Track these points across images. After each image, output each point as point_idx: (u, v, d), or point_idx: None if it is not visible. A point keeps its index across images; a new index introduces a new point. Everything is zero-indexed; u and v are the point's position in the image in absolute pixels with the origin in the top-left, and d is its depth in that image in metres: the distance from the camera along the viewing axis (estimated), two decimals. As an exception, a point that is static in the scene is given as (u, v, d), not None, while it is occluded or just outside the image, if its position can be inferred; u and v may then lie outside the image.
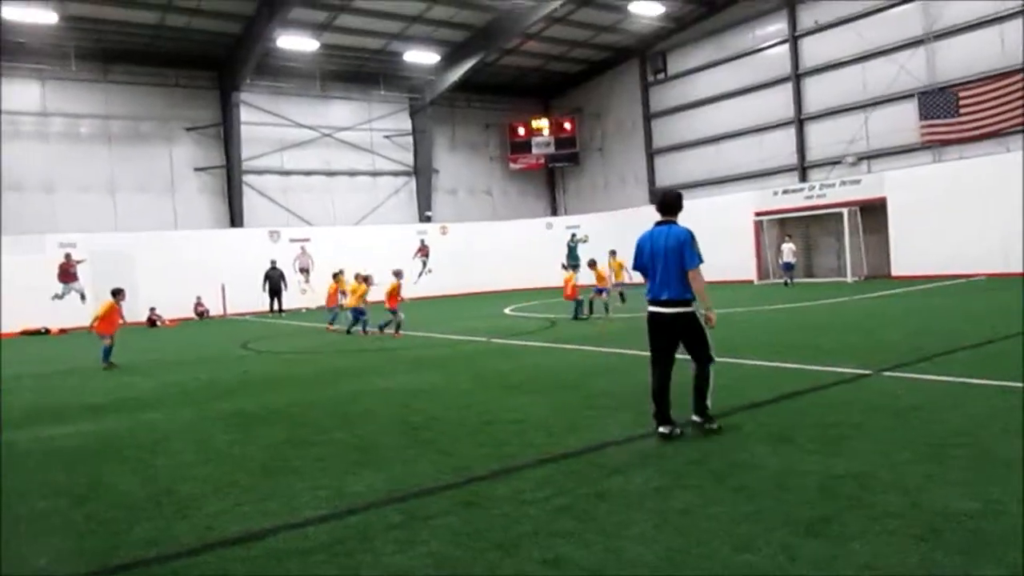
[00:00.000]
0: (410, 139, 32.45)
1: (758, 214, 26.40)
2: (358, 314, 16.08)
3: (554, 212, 37.09)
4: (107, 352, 12.52)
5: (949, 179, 21.49)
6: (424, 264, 30.51)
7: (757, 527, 3.76)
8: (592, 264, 17.47)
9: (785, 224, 26.41)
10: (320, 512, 4.44)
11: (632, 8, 26.85)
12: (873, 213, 23.32)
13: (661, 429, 5.65)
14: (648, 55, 31.79)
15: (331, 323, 17.50)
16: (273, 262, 25.58)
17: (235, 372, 11.20)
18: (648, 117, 32.46)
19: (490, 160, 35.54)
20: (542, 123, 35.04)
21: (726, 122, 29.13)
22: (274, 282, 25.37)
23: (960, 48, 22.30)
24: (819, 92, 26.18)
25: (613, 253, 19.71)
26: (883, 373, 7.68)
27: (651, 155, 32.62)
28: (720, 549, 3.52)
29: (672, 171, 31.75)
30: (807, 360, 8.75)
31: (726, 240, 25.87)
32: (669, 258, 5.66)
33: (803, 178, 26.59)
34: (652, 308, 5.83)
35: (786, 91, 27.01)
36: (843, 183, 24.15)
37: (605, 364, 9.75)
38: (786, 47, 26.85)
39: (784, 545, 3.51)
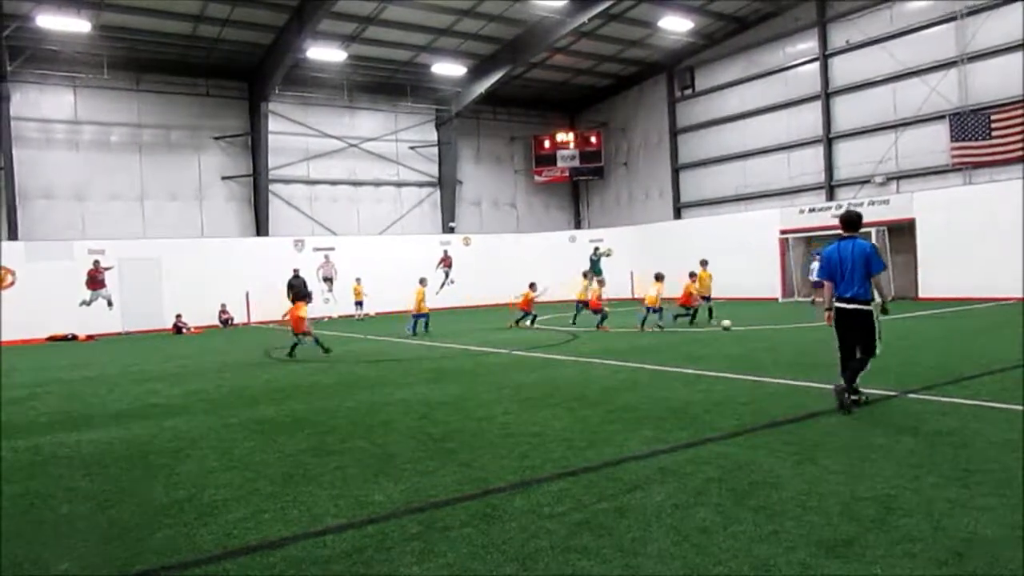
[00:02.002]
0: (435, 150, 32.68)
1: (784, 232, 26.19)
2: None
3: (578, 225, 37.09)
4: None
5: (980, 202, 21.18)
6: (447, 275, 30.65)
7: (777, 547, 3.72)
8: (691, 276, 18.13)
9: (811, 243, 26.16)
10: (340, 521, 4.48)
11: (662, 24, 26.87)
12: (901, 234, 23.03)
13: (845, 399, 6.91)
14: (676, 71, 31.79)
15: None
16: (296, 271, 25.83)
17: (258, 380, 11.33)
18: (674, 132, 32.41)
19: (515, 173, 35.68)
20: (567, 137, 35.11)
21: (753, 139, 29.01)
22: (297, 291, 25.57)
23: (993, 71, 22.02)
24: (849, 111, 25.99)
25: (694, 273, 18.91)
26: (909, 395, 7.58)
27: (676, 170, 32.54)
28: (739, 569, 3.49)
29: (698, 187, 31.65)
30: (833, 379, 8.64)
31: (751, 257, 25.74)
32: (856, 264, 6.98)
33: (830, 197, 26.35)
34: (839, 304, 7.18)
35: (815, 109, 26.84)
36: (871, 203, 23.88)
37: (628, 379, 9.71)
38: (816, 65, 26.70)
39: (804, 565, 3.48)
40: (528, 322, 19.28)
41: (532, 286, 19.60)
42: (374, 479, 5.37)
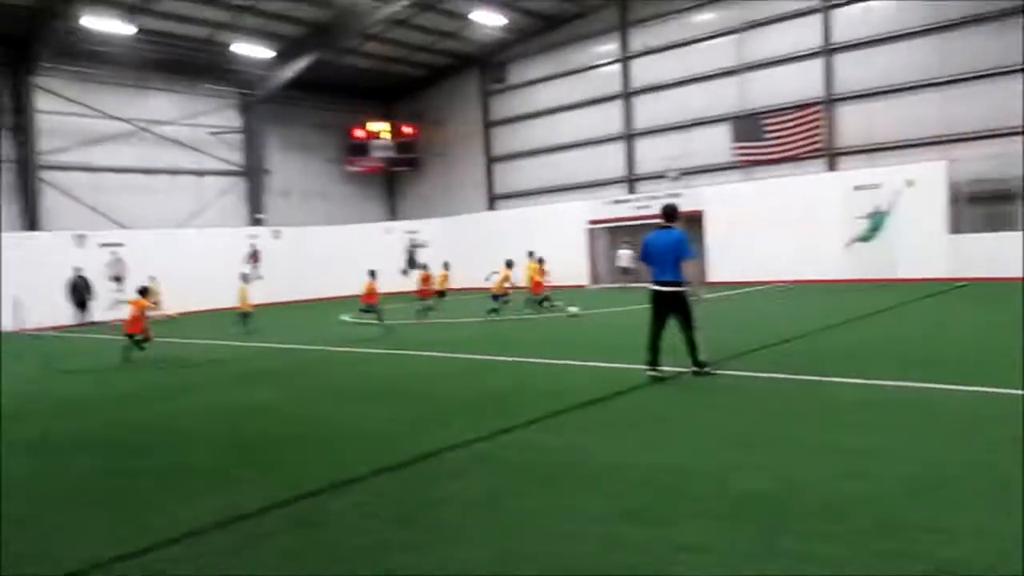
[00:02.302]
0: (240, 137, 30.87)
1: (591, 222, 27.65)
2: None
3: (393, 216, 36.76)
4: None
5: (756, 196, 23.66)
6: (255, 270, 29.08)
7: (587, 520, 3.95)
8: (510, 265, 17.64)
9: (615, 232, 27.86)
10: (140, 545, 4.10)
11: (474, 17, 27.25)
12: (692, 224, 25.16)
13: (650, 372, 7.81)
14: (489, 64, 32.41)
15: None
16: (78, 270, 23.29)
17: (39, 395, 10.12)
18: (488, 125, 33.08)
19: (327, 162, 34.58)
20: (382, 126, 34.63)
21: (562, 133, 30.30)
22: (80, 292, 23.12)
23: (767, 80, 24.67)
24: (647, 110, 27.91)
25: (532, 254, 19.22)
26: (693, 372, 8.31)
27: (490, 162, 33.25)
28: (550, 546, 3.66)
29: (511, 179, 32.54)
30: (635, 360, 9.27)
31: (561, 246, 26.85)
32: (668, 252, 7.80)
33: (632, 190, 28.21)
34: (655, 287, 7.92)
35: (618, 108, 28.55)
36: (667, 196, 25.84)
37: (447, 370, 9.80)
38: (618, 67, 28.40)
39: (607, 534, 3.72)
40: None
41: (509, 264, 17.82)
42: (177, 495, 5.00)
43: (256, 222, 30.73)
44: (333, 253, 30.42)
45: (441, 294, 19.76)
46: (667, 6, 26.68)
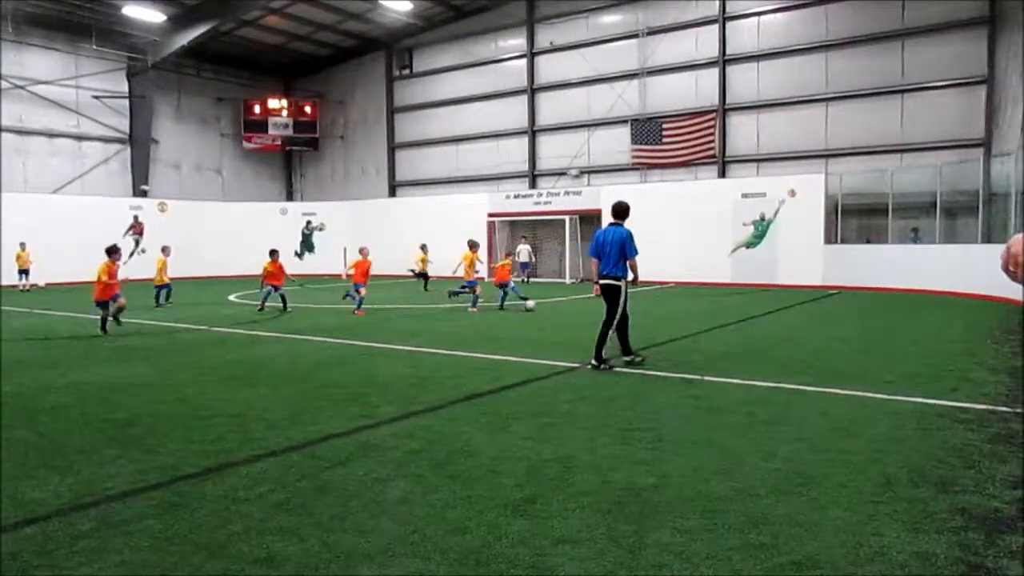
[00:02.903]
0: (126, 103, 29.08)
1: (491, 215, 27.76)
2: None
3: (290, 197, 35.66)
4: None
5: (651, 198, 24.41)
6: (137, 243, 27.55)
7: (470, 511, 3.97)
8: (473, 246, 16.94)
9: (515, 226, 28.09)
10: (-14, 523, 3.82)
11: (382, 0, 26.74)
12: (590, 222, 25.70)
13: (592, 362, 8.25)
14: (395, 49, 31.90)
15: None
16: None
17: None
18: (392, 111, 32.59)
19: (221, 136, 33.14)
20: (281, 103, 33.47)
21: (466, 125, 30.24)
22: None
23: (666, 85, 25.50)
24: (551, 107, 28.26)
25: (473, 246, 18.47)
26: (589, 366, 8.51)
27: (393, 149, 32.79)
28: (434, 534, 3.66)
29: (413, 167, 32.21)
30: (528, 354, 9.41)
31: (460, 238, 26.81)
32: (614, 247, 8.25)
33: (533, 185, 28.51)
34: (603, 281, 8.43)
35: (522, 102, 28.75)
36: (567, 193, 26.31)
37: (336, 355, 9.61)
38: (524, 62, 28.59)
39: (492, 525, 3.76)
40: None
41: (472, 245, 17.20)
42: (36, 474, 4.67)
43: (141, 193, 29.08)
44: (224, 230, 29.24)
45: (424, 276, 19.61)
46: (573, 5, 27.10)
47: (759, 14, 23.80)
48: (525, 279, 25.16)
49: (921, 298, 17.25)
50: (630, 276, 8.43)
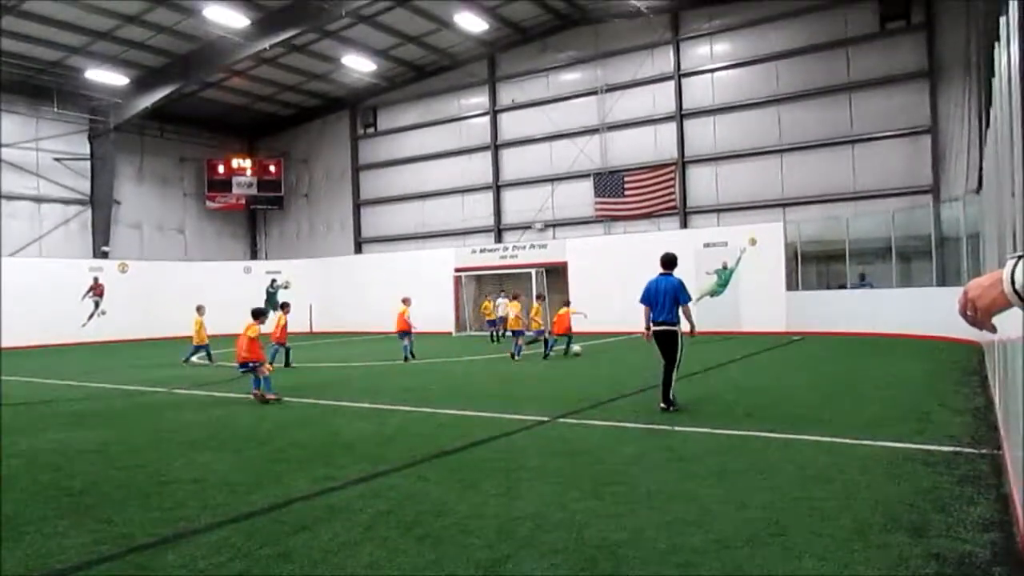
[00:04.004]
0: (87, 165, 28.82)
1: (458, 270, 27.80)
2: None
3: (254, 256, 35.37)
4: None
5: (616, 249, 24.73)
6: (97, 305, 26.97)
7: (439, 572, 3.85)
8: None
9: (482, 280, 28.16)
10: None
11: (345, 61, 27.15)
12: (556, 275, 25.88)
13: (662, 405, 8.63)
14: (359, 108, 32.28)
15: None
16: None
17: None
18: (357, 168, 32.78)
19: (184, 196, 32.93)
20: (245, 163, 33.47)
21: (431, 181, 30.51)
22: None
23: (626, 139, 26.12)
24: (515, 162, 28.69)
25: (541, 298, 19.05)
26: (559, 419, 8.45)
27: (358, 205, 32.87)
28: (403, 599, 3.53)
29: (379, 223, 32.26)
30: (496, 409, 9.31)
31: (428, 292, 26.77)
32: (668, 296, 8.80)
33: (499, 239, 28.71)
34: (659, 328, 8.91)
35: (486, 158, 29.16)
36: (532, 246, 26.52)
37: (300, 415, 9.40)
38: (487, 119, 29.10)
39: (463, 589, 3.64)
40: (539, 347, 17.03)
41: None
42: (-21, 551, 4.43)
43: (102, 254, 28.61)
44: (187, 290, 28.76)
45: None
46: (534, 64, 27.80)
47: (713, 71, 24.65)
48: (503, 332, 24.96)
49: (881, 341, 17.56)
50: (684, 324, 8.91)
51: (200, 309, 17.79)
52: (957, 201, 18.09)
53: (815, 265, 22.11)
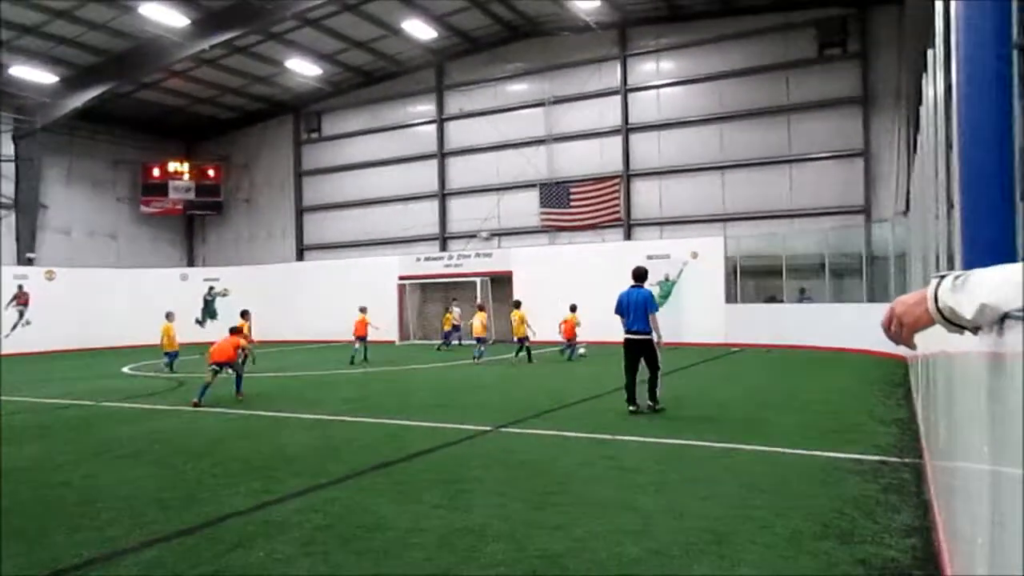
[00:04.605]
0: (12, 167, 27.60)
1: (402, 278, 27.58)
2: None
3: (192, 263, 34.39)
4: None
5: (561, 259, 24.92)
6: (21, 314, 25.80)
7: (380, 589, 3.80)
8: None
9: (426, 288, 28.01)
10: None
11: (289, 65, 26.75)
12: (502, 284, 25.92)
13: (631, 407, 9.18)
14: (303, 113, 31.80)
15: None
16: None
17: None
18: (300, 174, 32.25)
19: (117, 201, 31.81)
20: (182, 167, 32.55)
21: (376, 188, 30.23)
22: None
23: (573, 151, 26.40)
24: (461, 171, 28.66)
25: (518, 304, 19.41)
26: (501, 429, 8.45)
27: (300, 212, 32.33)
28: (341, 616, 3.47)
29: (322, 230, 31.79)
30: (437, 419, 9.26)
31: (371, 301, 26.47)
32: (639, 307, 9.32)
33: (444, 247, 28.61)
34: (628, 336, 9.47)
35: (432, 166, 29.06)
36: (478, 255, 26.52)
37: (239, 427, 9.17)
38: (434, 127, 29.02)
39: (404, 604, 3.60)
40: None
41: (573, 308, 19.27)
42: None
43: (27, 261, 27.40)
44: (120, 299, 27.82)
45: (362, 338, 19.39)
46: (482, 74, 27.88)
47: (658, 87, 25.14)
48: (457, 342, 24.80)
49: (815, 354, 18.12)
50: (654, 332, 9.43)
51: (170, 316, 17.44)
52: (886, 222, 18.87)
53: (753, 279, 22.70)
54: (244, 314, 15.70)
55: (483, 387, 13.26)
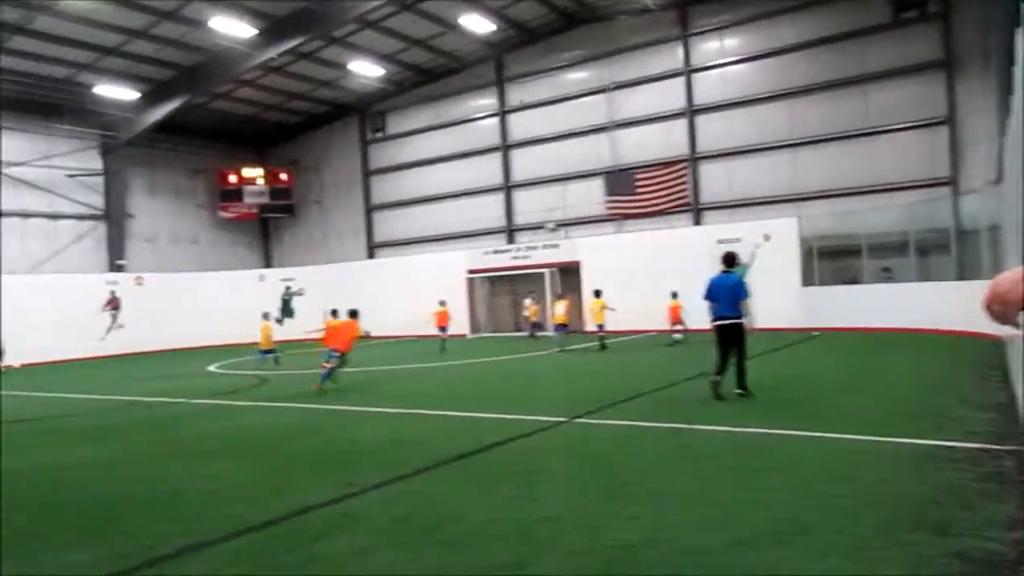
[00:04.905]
0: (101, 180, 29.07)
1: (470, 272, 27.79)
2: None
3: (268, 264, 35.54)
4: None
5: (629, 247, 24.63)
6: (114, 318, 27.22)
7: (459, 579, 3.83)
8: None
9: (495, 282, 28.15)
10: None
11: (352, 67, 27.24)
12: (569, 274, 25.82)
13: (715, 377, 9.25)
14: (368, 113, 32.37)
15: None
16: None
17: None
18: (367, 173, 32.86)
19: (197, 207, 33.14)
20: (256, 172, 33.64)
21: (442, 184, 30.53)
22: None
23: (636, 137, 26.01)
24: (525, 163, 28.65)
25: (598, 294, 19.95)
26: (576, 420, 8.41)
27: (369, 211, 32.95)
28: (422, 607, 3.51)
29: (390, 227, 32.33)
30: (512, 410, 9.28)
31: (440, 295, 26.76)
32: (730, 292, 9.39)
33: (510, 240, 28.68)
34: (718, 322, 9.42)
35: (496, 160, 29.14)
36: (544, 246, 26.48)
37: (317, 423, 9.41)
38: (496, 120, 29.09)
39: (483, 595, 3.61)
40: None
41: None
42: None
43: (117, 268, 28.85)
44: (202, 301, 29.03)
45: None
46: (541, 64, 27.76)
47: (723, 65, 24.50)
48: (534, 335, 24.93)
49: (899, 336, 17.37)
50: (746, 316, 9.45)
51: (267, 316, 19.20)
52: (976, 193, 17.84)
53: (831, 260, 21.90)
54: (354, 313, 16.16)
55: (555, 377, 13.23)
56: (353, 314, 15.25)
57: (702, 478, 5.60)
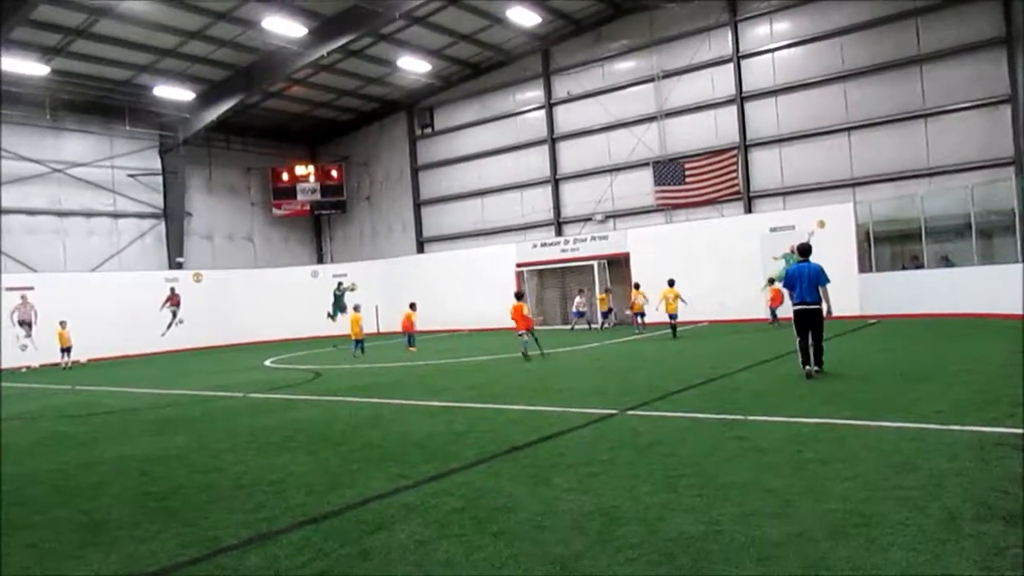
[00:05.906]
0: (159, 179, 30.01)
1: (519, 265, 27.85)
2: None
3: (320, 260, 36.21)
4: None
5: (678, 238, 24.34)
6: (174, 315, 28.10)
7: (516, 569, 3.86)
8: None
9: (544, 275, 28.15)
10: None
11: (400, 64, 27.48)
12: (618, 266, 25.65)
13: (807, 368, 10.00)
14: (416, 109, 32.64)
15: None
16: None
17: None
18: (416, 169, 33.17)
19: (251, 205, 33.96)
20: (307, 169, 34.29)
21: (489, 177, 30.63)
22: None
23: (685, 126, 25.67)
24: (572, 155, 28.54)
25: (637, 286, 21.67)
26: (627, 412, 8.37)
27: (418, 206, 33.27)
28: (480, 596, 3.55)
29: (439, 222, 32.59)
30: (563, 403, 9.29)
31: (490, 289, 26.90)
32: (810, 279, 10.17)
33: (559, 232, 28.63)
34: (799, 307, 10.28)
35: (543, 152, 29.10)
36: (593, 238, 26.35)
37: (371, 415, 9.58)
38: (543, 112, 29.03)
39: (540, 585, 3.64)
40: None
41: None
42: (78, 553, 4.67)
43: (176, 265, 29.77)
44: (257, 296, 29.74)
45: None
46: (588, 55, 27.58)
47: (773, 50, 23.98)
48: (576, 327, 24.96)
49: (961, 322, 16.79)
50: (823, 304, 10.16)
51: (357, 308, 20.33)
52: (1042, 172, 17.10)
53: (889, 246, 21.29)
54: (412, 306, 19.86)
55: (606, 369, 13.18)
56: (412, 307, 18.80)
57: (759, 469, 5.52)
